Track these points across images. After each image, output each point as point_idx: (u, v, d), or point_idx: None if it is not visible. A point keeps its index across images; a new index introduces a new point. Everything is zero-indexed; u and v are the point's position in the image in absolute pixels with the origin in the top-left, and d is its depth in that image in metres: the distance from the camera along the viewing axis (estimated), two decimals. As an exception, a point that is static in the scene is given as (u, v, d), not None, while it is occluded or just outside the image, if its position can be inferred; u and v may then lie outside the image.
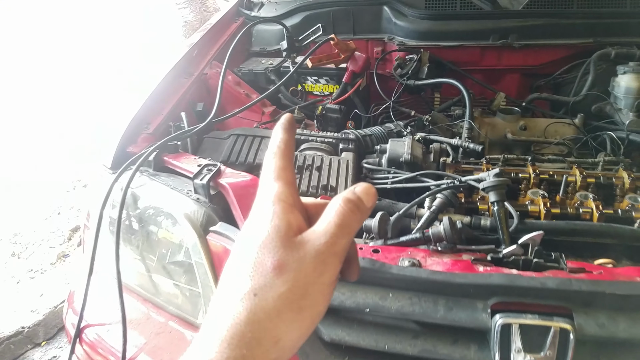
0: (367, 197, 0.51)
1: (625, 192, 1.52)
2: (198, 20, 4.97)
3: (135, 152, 1.43)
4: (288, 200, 0.50)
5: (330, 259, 0.48)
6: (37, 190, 4.81)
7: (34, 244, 4.14)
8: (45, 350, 2.88)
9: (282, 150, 0.55)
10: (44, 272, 3.81)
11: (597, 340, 0.96)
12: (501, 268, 1.03)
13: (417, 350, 1.03)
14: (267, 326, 0.45)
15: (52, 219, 4.48)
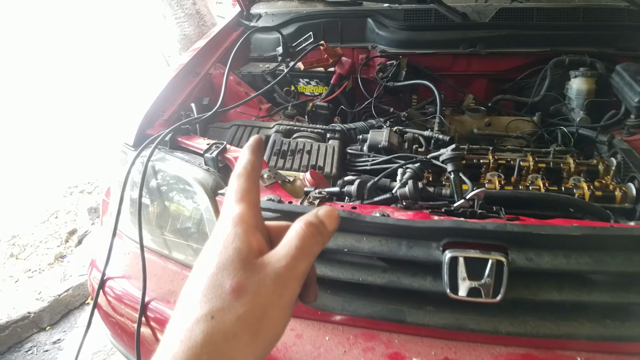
0: (329, 220, 0.52)
1: (570, 175, 1.78)
2: (196, 34, 5.16)
3: (153, 134, 1.68)
4: (250, 222, 0.50)
5: (290, 282, 0.48)
6: (34, 195, 4.94)
7: (32, 246, 4.28)
8: (50, 334, 3.05)
9: (247, 172, 0.55)
10: (42, 271, 3.96)
11: (525, 270, 1.21)
12: (452, 217, 1.29)
13: (385, 281, 1.28)
14: (223, 349, 0.44)
15: (50, 222, 4.62)
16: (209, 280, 0.46)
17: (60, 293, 3.25)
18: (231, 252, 0.48)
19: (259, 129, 2.01)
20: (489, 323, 1.24)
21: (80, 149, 5.85)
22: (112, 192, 1.83)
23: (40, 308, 3.12)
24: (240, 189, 0.53)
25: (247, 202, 0.52)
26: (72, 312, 3.24)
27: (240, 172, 0.55)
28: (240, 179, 0.54)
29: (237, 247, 0.48)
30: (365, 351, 1.26)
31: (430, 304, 1.28)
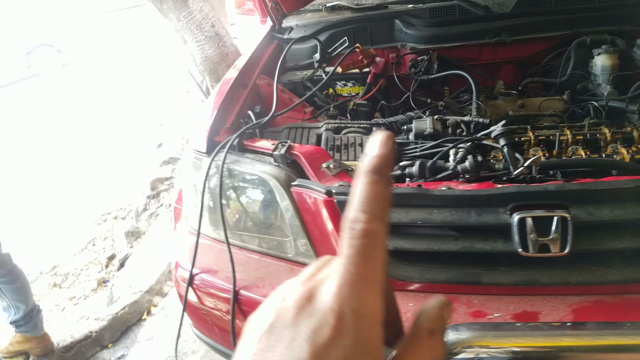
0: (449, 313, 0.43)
1: (608, 144, 1.90)
2: (217, 55, 5.29)
3: (221, 140, 1.83)
4: (380, 319, 0.36)
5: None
6: (69, 226, 5.11)
7: (73, 274, 4.41)
8: (112, 351, 3.18)
9: (376, 222, 0.37)
10: (87, 297, 4.12)
11: (588, 224, 1.34)
12: (514, 183, 1.43)
13: (459, 247, 1.41)
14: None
15: (88, 250, 4.76)
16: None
17: (117, 311, 3.38)
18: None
19: (309, 129, 2.15)
20: (559, 275, 1.37)
21: (108, 177, 6.03)
22: (184, 197, 1.98)
23: (101, 327, 3.25)
24: (373, 257, 0.37)
25: (377, 282, 0.37)
26: (131, 328, 3.37)
27: (368, 226, 0.37)
28: (369, 238, 0.37)
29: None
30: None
31: (503, 264, 1.42)
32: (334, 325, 0.35)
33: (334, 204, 1.49)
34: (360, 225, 0.37)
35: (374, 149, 0.40)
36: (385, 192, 0.38)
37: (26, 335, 2.80)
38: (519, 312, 1.36)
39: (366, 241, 0.37)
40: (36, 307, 2.83)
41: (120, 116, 8.15)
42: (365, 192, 0.38)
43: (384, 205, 0.38)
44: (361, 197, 0.38)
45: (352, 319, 0.35)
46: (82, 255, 4.72)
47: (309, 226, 1.59)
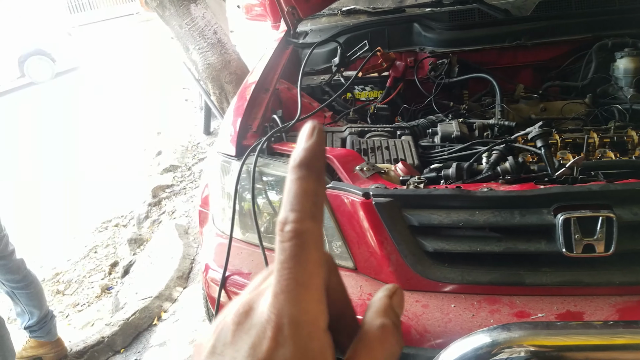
0: (402, 305, 0.40)
1: (635, 146, 1.91)
2: (219, 62, 5.29)
3: (249, 144, 1.82)
4: (324, 325, 0.35)
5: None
6: (70, 234, 5.15)
7: (76, 282, 4.42)
8: (125, 356, 3.16)
9: (312, 222, 0.35)
10: (91, 304, 4.11)
11: (632, 224, 1.34)
12: (557, 184, 1.42)
13: (502, 249, 1.40)
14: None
15: (90, 257, 4.77)
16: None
17: (129, 317, 3.36)
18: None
19: (333, 133, 2.14)
20: (602, 276, 1.36)
21: (107, 185, 6.03)
22: (212, 200, 1.96)
23: (113, 332, 3.23)
24: (304, 263, 0.34)
25: (315, 286, 0.34)
26: (142, 333, 3.35)
27: (302, 226, 0.34)
28: (302, 241, 0.34)
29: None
30: (492, 313, 1.37)
31: (546, 265, 1.41)
32: (271, 337, 0.33)
33: (371, 206, 1.48)
34: (290, 225, 0.34)
35: (300, 142, 0.36)
36: (316, 188, 0.35)
37: (40, 340, 2.79)
38: (562, 312, 1.35)
39: (298, 242, 0.34)
40: (50, 312, 2.82)
41: (117, 125, 8.14)
42: (293, 190, 0.35)
43: (315, 202, 0.35)
44: (289, 195, 0.35)
45: (290, 328, 0.33)
46: (84, 262, 4.73)
47: (344, 228, 1.58)
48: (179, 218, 4.83)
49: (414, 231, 1.49)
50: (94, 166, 6.67)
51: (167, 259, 4.07)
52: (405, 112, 2.49)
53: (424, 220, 1.46)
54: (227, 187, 1.80)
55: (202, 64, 5.31)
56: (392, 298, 0.39)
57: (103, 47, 15.18)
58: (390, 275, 1.50)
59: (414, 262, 1.46)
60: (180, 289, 3.74)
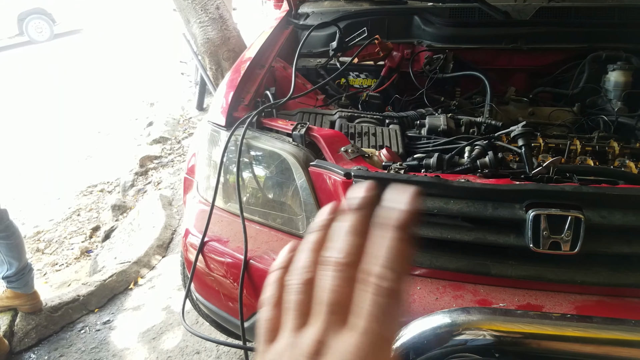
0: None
1: (616, 157, 1.95)
2: (219, 38, 5.28)
3: (239, 117, 1.85)
4: None
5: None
6: (54, 194, 5.18)
7: (56, 242, 4.45)
8: (98, 315, 3.19)
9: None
10: (69, 265, 4.13)
11: (599, 226, 1.38)
12: (532, 181, 1.46)
13: (472, 238, 1.45)
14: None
15: (72, 220, 4.79)
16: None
17: (105, 279, 3.39)
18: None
19: (323, 116, 2.17)
20: (565, 274, 1.41)
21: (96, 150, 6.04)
22: (197, 168, 1.99)
23: (88, 292, 3.27)
24: None
25: None
26: (117, 296, 3.38)
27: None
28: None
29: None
30: (455, 298, 1.42)
31: (512, 258, 1.45)
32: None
33: (352, 186, 1.52)
34: (388, 283, 0.35)
35: (404, 203, 0.37)
36: (410, 251, 0.37)
37: (17, 291, 2.81)
38: (523, 304, 1.40)
39: (392, 301, 0.35)
40: (28, 265, 2.84)
41: (112, 92, 8.11)
42: (393, 249, 0.36)
43: (407, 264, 0.37)
44: (389, 254, 0.36)
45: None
46: (66, 224, 4.76)
47: (323, 205, 1.61)
48: (164, 189, 4.85)
49: (389, 214, 1.52)
50: (84, 130, 6.66)
51: (149, 227, 4.10)
52: (396, 103, 2.52)
53: (400, 204, 1.49)
54: (214, 156, 1.84)
55: (201, 37, 5.29)
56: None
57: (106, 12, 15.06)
58: (363, 255, 1.54)
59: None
60: (159, 257, 3.78)
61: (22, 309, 2.89)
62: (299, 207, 1.66)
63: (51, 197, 5.10)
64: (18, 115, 7.45)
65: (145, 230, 4.09)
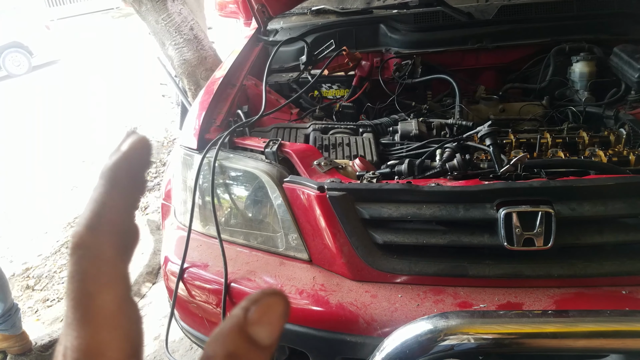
0: (270, 326, 0.29)
1: (586, 147, 1.98)
2: (196, 58, 5.29)
3: (211, 138, 1.85)
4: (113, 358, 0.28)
5: None
6: (40, 229, 5.09)
7: (46, 277, 4.38)
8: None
9: (96, 237, 0.30)
10: (61, 300, 4.09)
11: (570, 219, 1.41)
12: (500, 180, 1.49)
13: (447, 241, 1.46)
14: None
15: (61, 252, 4.74)
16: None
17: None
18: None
19: (297, 130, 2.19)
20: (542, 268, 1.43)
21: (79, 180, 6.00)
22: (174, 193, 2.00)
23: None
24: (88, 283, 0.29)
25: (103, 313, 0.29)
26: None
27: (79, 240, 0.30)
28: (84, 256, 0.30)
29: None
30: (436, 302, 1.43)
31: (488, 258, 1.47)
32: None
33: (326, 199, 1.53)
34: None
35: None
36: None
37: (4, 333, 2.77)
38: (503, 303, 1.41)
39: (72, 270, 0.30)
40: (14, 305, 2.80)
41: (95, 120, 8.09)
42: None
43: None
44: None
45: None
46: (55, 257, 4.69)
47: (300, 221, 1.63)
48: (152, 214, 4.84)
49: (365, 224, 1.54)
50: (69, 160, 6.63)
51: (138, 254, 4.08)
52: (370, 111, 2.55)
53: (374, 214, 1.51)
54: (188, 180, 1.84)
55: (178, 59, 5.30)
56: (247, 312, 0.29)
57: (81, 42, 15.05)
58: (343, 267, 1.55)
59: (364, 254, 1.51)
60: (150, 284, 3.76)
61: (11, 351, 2.85)
62: (277, 224, 1.67)
63: (38, 232, 5.06)
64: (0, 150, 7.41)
65: (134, 258, 4.06)
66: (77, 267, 0.29)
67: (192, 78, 5.32)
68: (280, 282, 1.60)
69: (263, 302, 0.28)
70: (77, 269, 0.29)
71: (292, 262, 1.65)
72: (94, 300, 0.29)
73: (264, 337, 0.28)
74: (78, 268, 0.29)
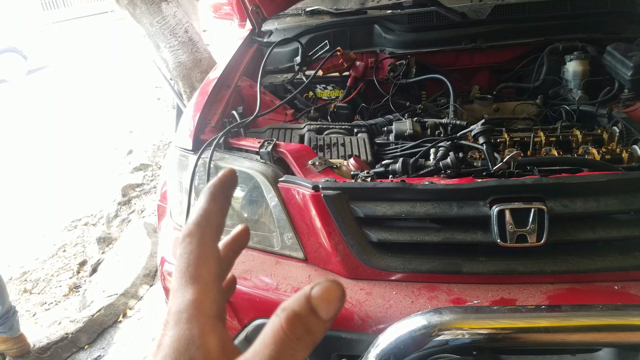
0: (327, 305, 0.36)
1: (579, 145, 1.99)
2: (190, 60, 5.29)
3: (206, 139, 1.86)
4: (209, 311, 0.38)
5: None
6: (38, 232, 5.11)
7: (44, 280, 4.38)
8: (89, 352, 3.16)
9: (202, 230, 0.41)
10: (58, 303, 4.09)
11: (562, 216, 1.42)
12: (493, 178, 1.50)
13: (441, 239, 1.47)
14: None
15: (59, 256, 4.73)
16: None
17: (93, 314, 3.37)
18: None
19: (292, 130, 2.20)
20: (535, 265, 1.44)
21: (78, 184, 6.01)
22: (169, 194, 2.00)
23: (77, 328, 3.24)
24: (193, 258, 0.40)
25: (203, 279, 0.39)
26: (107, 330, 3.36)
27: (190, 230, 0.41)
28: (192, 242, 0.40)
29: (192, 358, 0.36)
30: (430, 299, 1.44)
31: (482, 254, 1.48)
32: (162, 325, 0.40)
33: (320, 198, 1.54)
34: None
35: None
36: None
37: (2, 336, 2.78)
38: (497, 300, 1.42)
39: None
40: (12, 308, 2.81)
41: (90, 123, 8.09)
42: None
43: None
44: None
45: (172, 316, 0.39)
46: (52, 261, 4.69)
47: (295, 220, 1.64)
48: (148, 217, 4.84)
49: (360, 222, 1.55)
50: (64, 164, 6.63)
51: (135, 257, 4.09)
52: (364, 111, 2.56)
53: (369, 212, 1.52)
54: (184, 181, 1.85)
55: (173, 62, 5.30)
56: (312, 289, 0.36)
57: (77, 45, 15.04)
58: (338, 265, 1.56)
59: (359, 252, 1.52)
60: (147, 286, 3.76)
61: (9, 354, 2.86)
62: (273, 224, 1.68)
63: (35, 235, 5.06)
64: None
65: (131, 260, 4.07)
66: (186, 249, 0.40)
67: (187, 80, 5.32)
68: (276, 280, 1.60)
69: (324, 284, 0.36)
70: (186, 250, 0.40)
71: (288, 261, 1.66)
72: (197, 271, 0.39)
73: (323, 311, 0.36)
74: (187, 250, 0.40)
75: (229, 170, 0.45)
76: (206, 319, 0.38)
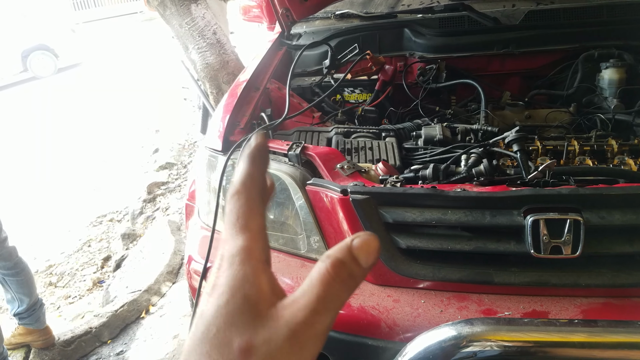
0: (366, 255, 0.40)
1: (614, 155, 1.94)
2: (218, 62, 5.31)
3: (236, 140, 1.86)
4: (260, 256, 0.42)
5: (309, 342, 0.38)
6: (65, 227, 5.19)
7: (68, 274, 4.45)
8: (112, 347, 3.19)
9: (247, 189, 0.44)
10: (82, 297, 4.14)
11: (599, 227, 1.38)
12: (528, 187, 1.46)
13: (472, 248, 1.44)
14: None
15: (83, 251, 4.80)
16: (215, 338, 0.38)
17: (117, 309, 3.39)
18: (239, 301, 0.39)
19: (319, 133, 2.18)
20: (569, 277, 1.40)
21: (104, 181, 6.08)
22: (198, 194, 2.00)
23: (101, 323, 3.27)
24: (242, 212, 0.43)
25: (253, 229, 0.43)
26: (129, 326, 3.38)
27: (238, 189, 0.44)
28: (240, 199, 0.44)
29: (246, 294, 0.39)
30: (460, 309, 1.41)
31: (514, 265, 1.44)
32: (216, 267, 0.43)
33: (349, 202, 1.52)
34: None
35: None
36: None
37: (29, 327, 2.82)
38: (528, 312, 1.38)
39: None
40: (39, 300, 2.86)
41: (117, 122, 8.19)
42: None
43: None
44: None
45: (226, 258, 0.42)
46: (77, 255, 4.76)
47: (322, 223, 1.62)
48: (172, 215, 4.87)
49: (388, 228, 1.53)
50: (92, 161, 6.71)
51: (159, 254, 4.11)
52: (392, 115, 2.53)
53: (398, 218, 1.50)
54: (212, 181, 1.85)
55: (200, 63, 5.33)
56: (355, 241, 0.40)
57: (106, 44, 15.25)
58: (365, 271, 1.53)
59: (387, 258, 1.50)
60: (170, 284, 3.78)
61: (34, 345, 2.90)
62: (299, 226, 1.66)
63: (61, 230, 5.13)
64: (26, 150, 7.52)
65: (155, 257, 4.10)
66: (235, 205, 0.43)
67: (214, 82, 5.35)
68: (301, 284, 1.58)
69: (363, 237, 0.40)
70: (235, 206, 0.43)
71: (314, 265, 1.63)
72: (246, 223, 0.42)
73: (362, 259, 0.39)
74: (236, 205, 0.43)
75: (260, 135, 0.47)
76: (257, 263, 0.41)
